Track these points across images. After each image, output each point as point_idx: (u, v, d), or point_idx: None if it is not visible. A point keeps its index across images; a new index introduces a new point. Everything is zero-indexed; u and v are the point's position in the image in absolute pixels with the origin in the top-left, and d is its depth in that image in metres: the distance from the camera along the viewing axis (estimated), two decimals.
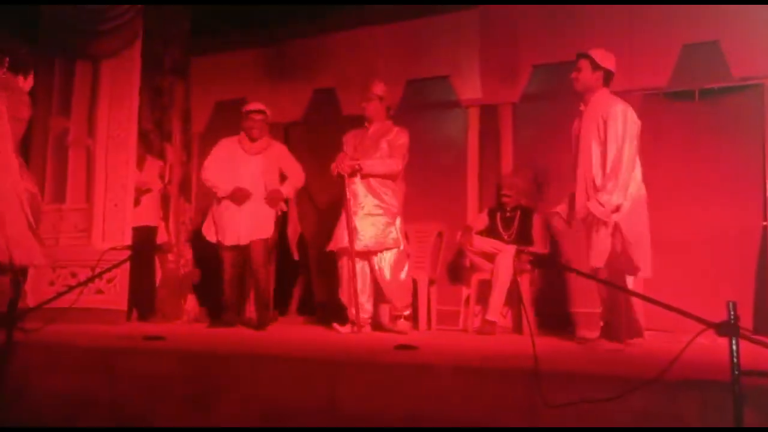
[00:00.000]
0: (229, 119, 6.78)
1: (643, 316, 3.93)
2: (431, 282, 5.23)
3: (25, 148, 4.70)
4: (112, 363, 2.68)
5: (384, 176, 4.68)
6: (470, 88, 5.69)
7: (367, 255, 4.65)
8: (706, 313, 2.01)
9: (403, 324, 4.64)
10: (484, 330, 4.68)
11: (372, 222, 4.62)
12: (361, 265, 4.67)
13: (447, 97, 5.85)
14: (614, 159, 3.63)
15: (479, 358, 3.01)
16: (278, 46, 6.60)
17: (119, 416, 2.47)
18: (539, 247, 4.90)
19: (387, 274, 4.62)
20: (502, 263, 4.73)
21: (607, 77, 3.84)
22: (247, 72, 6.73)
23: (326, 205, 6.23)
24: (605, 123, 3.68)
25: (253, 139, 5.18)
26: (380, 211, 4.64)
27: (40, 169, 5.44)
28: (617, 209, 3.61)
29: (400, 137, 4.73)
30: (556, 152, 4.75)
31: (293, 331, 4.90)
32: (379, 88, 4.81)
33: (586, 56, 3.83)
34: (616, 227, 3.63)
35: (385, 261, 4.63)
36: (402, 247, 4.67)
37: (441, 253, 5.37)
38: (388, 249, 4.63)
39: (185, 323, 5.62)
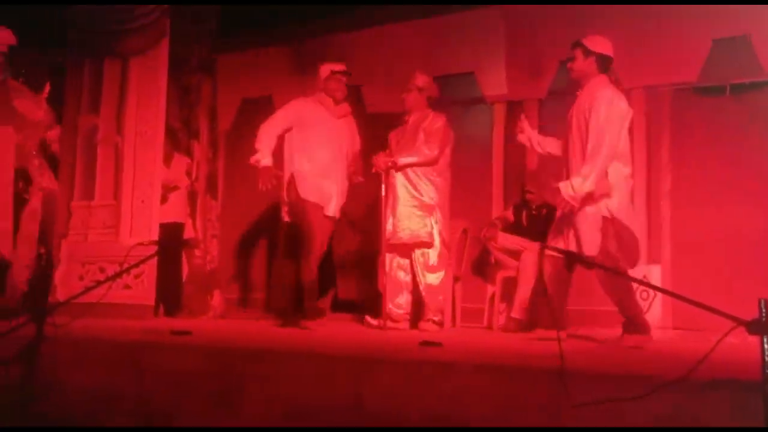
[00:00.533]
0: (255, 116, 6.84)
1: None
2: (456, 279, 5.21)
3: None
4: (140, 358, 2.72)
5: (421, 165, 4.64)
6: (495, 84, 5.64)
7: (407, 251, 4.64)
8: (734, 311, 1.97)
9: (427, 326, 4.59)
10: (509, 327, 4.66)
11: (407, 215, 4.62)
12: (399, 261, 4.70)
13: (472, 94, 5.80)
14: (594, 145, 3.57)
15: (504, 355, 2.99)
16: (303, 43, 6.60)
17: (145, 411, 2.50)
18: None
19: (420, 273, 4.63)
20: (528, 260, 4.70)
21: (602, 63, 3.76)
22: (273, 69, 6.75)
23: (352, 202, 6.23)
24: (590, 109, 3.63)
25: (337, 102, 4.84)
26: (415, 204, 4.62)
27: (70, 167, 5.52)
28: (589, 197, 3.54)
29: (435, 122, 4.69)
30: None
31: (320, 327, 4.90)
32: (420, 80, 4.77)
33: (579, 44, 3.78)
34: (609, 221, 3.58)
35: (421, 260, 4.62)
36: (438, 245, 4.63)
37: (466, 250, 5.35)
38: (423, 244, 4.60)
39: (211, 319, 5.68)
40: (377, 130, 5.28)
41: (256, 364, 2.65)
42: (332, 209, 4.69)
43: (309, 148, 4.70)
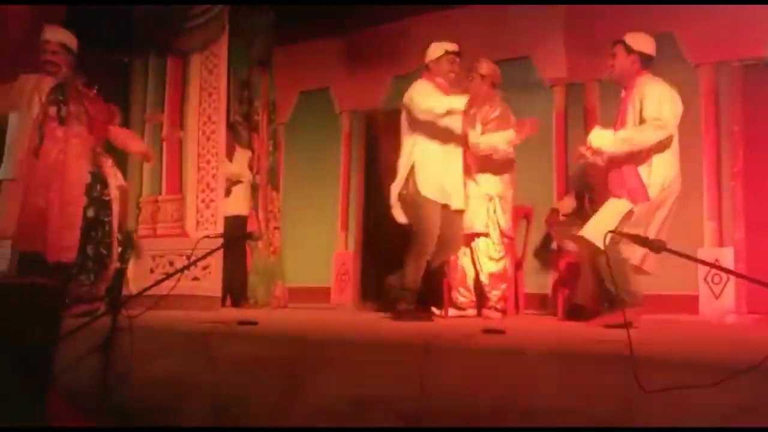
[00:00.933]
0: (313, 109, 6.92)
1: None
2: (518, 266, 5.16)
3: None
4: (210, 347, 2.79)
5: (477, 155, 4.59)
6: (554, 67, 5.54)
7: (467, 240, 4.61)
8: None
9: (490, 314, 4.59)
10: (571, 314, 4.59)
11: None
12: (462, 249, 4.66)
13: (529, 78, 5.71)
14: (643, 123, 3.56)
15: (570, 342, 2.95)
16: (359, 33, 6.62)
17: (218, 399, 2.57)
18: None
19: (480, 262, 4.61)
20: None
21: (645, 61, 3.69)
22: (328, 60, 6.80)
23: None
24: (641, 102, 3.54)
25: (451, 85, 4.51)
26: (471, 193, 4.57)
27: (138, 163, 5.70)
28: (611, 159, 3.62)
29: (491, 112, 4.63)
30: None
31: (383, 316, 4.93)
32: (483, 67, 4.69)
33: (620, 41, 3.70)
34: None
35: (481, 249, 4.60)
36: (496, 234, 4.60)
37: (528, 236, 5.28)
38: (479, 233, 4.57)
39: (275, 309, 5.80)
40: None
41: (322, 352, 2.68)
42: (455, 202, 4.38)
43: (433, 135, 4.31)
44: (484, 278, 4.62)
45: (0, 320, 1.91)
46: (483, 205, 4.60)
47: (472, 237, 4.64)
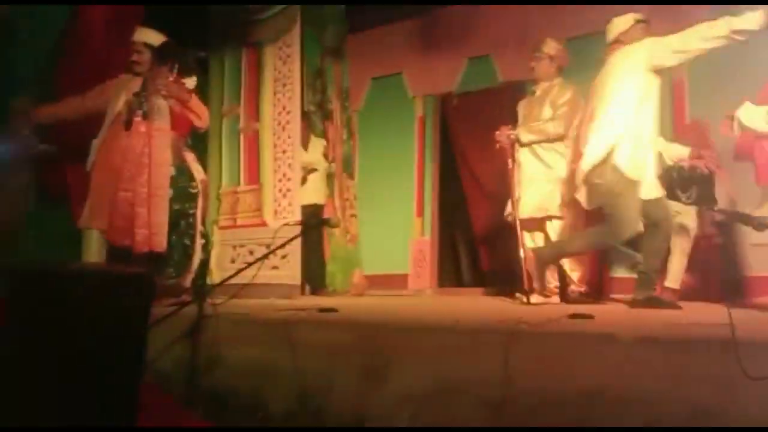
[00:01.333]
0: (385, 94, 6.89)
1: None
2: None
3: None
4: (292, 334, 2.81)
5: (546, 141, 4.50)
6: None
7: (542, 225, 4.53)
8: None
9: (573, 298, 4.48)
10: (664, 297, 4.39)
11: (536, 189, 4.50)
12: (538, 235, 4.60)
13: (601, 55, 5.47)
14: None
15: (661, 326, 2.81)
16: (431, 16, 6.54)
17: (302, 386, 2.59)
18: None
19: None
20: (680, 224, 4.40)
21: None
22: (400, 45, 6.76)
23: (487, 175, 6.14)
24: None
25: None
26: (544, 177, 4.49)
27: (217, 155, 5.84)
28: None
29: (562, 95, 4.50)
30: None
31: (462, 301, 4.89)
32: (550, 47, 4.58)
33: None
34: None
35: (555, 231, 4.50)
36: (570, 218, 4.48)
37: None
38: (553, 217, 4.47)
39: (353, 296, 5.83)
40: (504, 101, 5.14)
41: (404, 338, 2.66)
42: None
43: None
44: (563, 262, 4.49)
45: (94, 308, 1.97)
46: (556, 188, 4.49)
47: (543, 221, 4.54)
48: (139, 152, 4.21)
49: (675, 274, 4.39)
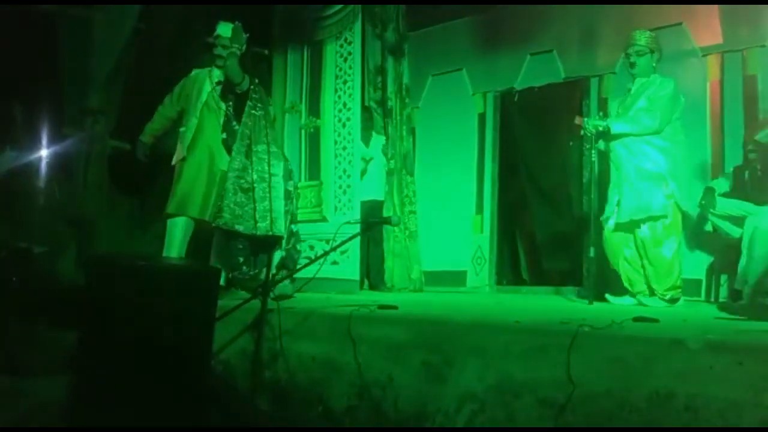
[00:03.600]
0: (445, 91, 6.87)
1: None
2: None
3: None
4: (353, 330, 2.84)
5: (639, 134, 4.21)
6: (709, 34, 5.12)
7: (633, 225, 4.27)
8: None
9: (660, 303, 4.21)
10: (734, 301, 4.24)
11: (633, 189, 4.22)
12: (623, 235, 4.34)
13: (681, 46, 5.31)
14: None
15: (731, 331, 2.72)
16: (492, 12, 6.48)
17: (362, 381, 2.62)
18: None
19: (646, 248, 4.23)
20: (755, 226, 4.22)
21: None
22: (460, 43, 6.72)
23: (548, 172, 6.06)
24: None
25: None
26: (642, 175, 4.20)
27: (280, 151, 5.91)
28: None
29: (663, 88, 4.22)
30: None
31: (522, 300, 4.83)
32: (652, 40, 4.31)
33: None
34: None
35: (646, 234, 4.21)
36: (672, 217, 4.21)
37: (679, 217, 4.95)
38: (654, 218, 4.19)
39: (412, 292, 5.84)
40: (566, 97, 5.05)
41: (464, 336, 2.65)
42: None
43: None
44: (651, 265, 4.24)
45: (164, 300, 2.04)
46: (655, 187, 4.20)
47: (638, 223, 4.26)
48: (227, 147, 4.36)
49: (744, 276, 4.22)
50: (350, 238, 3.69)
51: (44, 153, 4.91)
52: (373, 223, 5.16)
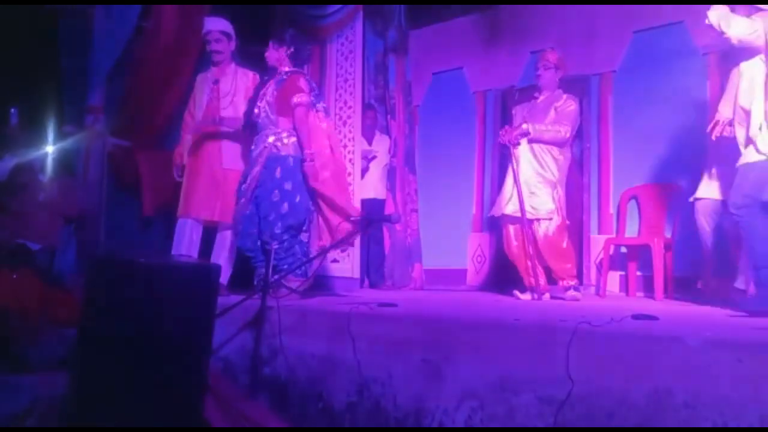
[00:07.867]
0: (446, 89, 6.88)
1: None
2: (667, 247, 4.86)
3: None
4: (352, 327, 2.84)
5: (551, 142, 4.55)
6: (708, 33, 5.11)
7: (530, 222, 4.57)
8: None
9: (572, 294, 4.53)
10: (732, 299, 4.24)
11: (530, 190, 4.53)
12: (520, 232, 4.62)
13: (681, 45, 5.32)
14: None
15: (731, 329, 2.73)
16: (493, 11, 6.48)
17: (362, 378, 2.62)
18: None
19: (546, 243, 4.52)
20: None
21: None
22: (462, 41, 6.73)
23: None
24: None
25: None
26: (539, 180, 4.54)
27: None
28: None
29: (570, 104, 4.63)
30: None
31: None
32: (554, 57, 4.73)
33: None
34: None
35: (543, 230, 4.52)
36: (557, 219, 4.52)
37: (679, 214, 4.96)
38: (543, 220, 4.52)
39: (412, 290, 5.84)
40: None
41: (463, 333, 2.65)
42: None
43: None
44: (550, 260, 4.56)
45: (165, 297, 2.04)
46: (548, 192, 4.52)
47: (532, 222, 4.54)
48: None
49: (744, 274, 4.23)
50: (350, 237, 3.69)
51: (44, 152, 4.92)
52: (374, 220, 5.17)
